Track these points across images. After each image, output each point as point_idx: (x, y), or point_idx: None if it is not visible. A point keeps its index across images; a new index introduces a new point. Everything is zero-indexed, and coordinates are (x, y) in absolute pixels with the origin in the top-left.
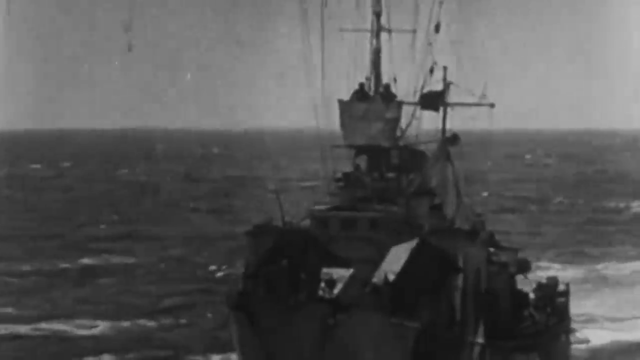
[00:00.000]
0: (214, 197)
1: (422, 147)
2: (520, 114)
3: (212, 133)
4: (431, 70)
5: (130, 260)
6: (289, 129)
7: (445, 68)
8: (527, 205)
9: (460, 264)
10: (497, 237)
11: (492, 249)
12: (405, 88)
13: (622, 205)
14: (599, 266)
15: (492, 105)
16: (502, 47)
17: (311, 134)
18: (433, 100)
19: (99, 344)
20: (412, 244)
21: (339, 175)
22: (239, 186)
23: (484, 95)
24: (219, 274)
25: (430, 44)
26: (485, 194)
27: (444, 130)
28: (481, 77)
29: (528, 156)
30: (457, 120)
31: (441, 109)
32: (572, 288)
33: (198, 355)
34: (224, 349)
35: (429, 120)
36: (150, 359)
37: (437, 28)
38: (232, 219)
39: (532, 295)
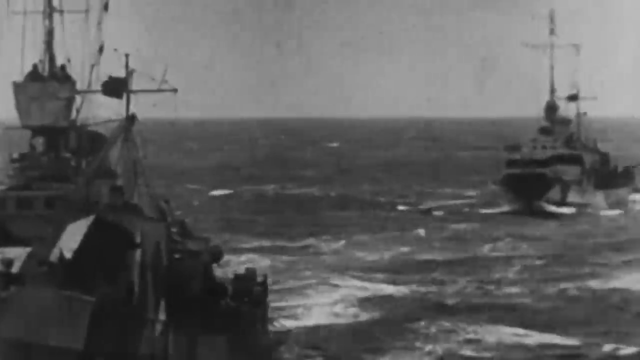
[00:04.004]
0: None
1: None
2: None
3: None
4: (100, 49)
5: None
6: None
7: (127, 55)
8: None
9: (138, 239)
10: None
11: (174, 230)
12: (80, 68)
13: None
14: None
15: (174, 91)
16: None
17: None
18: (116, 88)
19: None
20: (89, 220)
21: (15, 156)
22: None
23: (165, 81)
24: None
25: (99, 23)
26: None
27: (128, 115)
28: (163, 63)
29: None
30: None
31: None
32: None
33: None
34: None
35: (118, 106)
36: None
37: (106, 7)
38: None
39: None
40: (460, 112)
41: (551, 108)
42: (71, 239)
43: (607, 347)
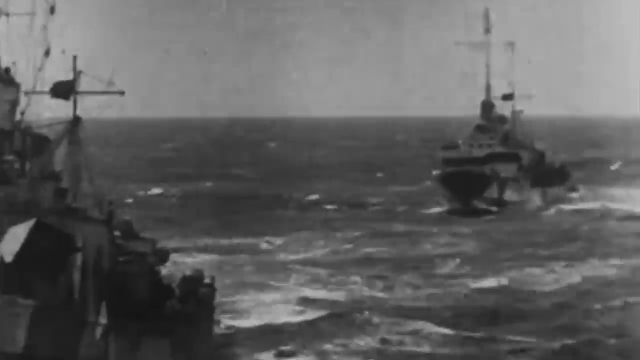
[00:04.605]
0: None
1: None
2: None
3: None
4: (47, 53)
5: None
6: None
7: (75, 57)
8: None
9: (79, 243)
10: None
11: (117, 233)
12: (25, 71)
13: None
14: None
15: (121, 93)
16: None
17: None
18: (64, 90)
19: None
20: (30, 224)
21: None
22: None
23: (112, 83)
24: None
25: (45, 26)
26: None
27: (74, 118)
28: (111, 66)
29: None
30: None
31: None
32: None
33: None
34: None
35: (61, 108)
36: None
37: (52, 10)
38: None
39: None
40: (395, 112)
41: (487, 106)
42: (12, 242)
43: (543, 341)
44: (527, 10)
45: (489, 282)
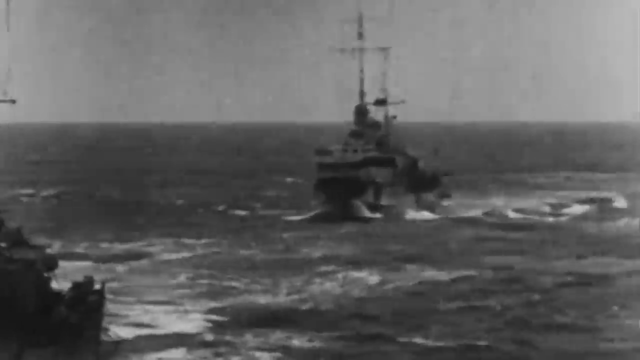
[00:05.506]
0: None
1: None
2: None
3: None
4: None
5: None
6: None
7: None
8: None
9: None
10: None
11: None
12: None
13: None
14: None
15: (12, 102)
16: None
17: None
18: None
19: None
20: None
21: None
22: None
23: (4, 92)
24: None
25: None
26: None
27: None
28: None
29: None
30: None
31: None
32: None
33: None
34: None
35: None
36: None
37: None
38: None
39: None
40: (268, 118)
41: (361, 112)
42: None
43: (425, 340)
44: (407, 15)
45: (367, 283)
